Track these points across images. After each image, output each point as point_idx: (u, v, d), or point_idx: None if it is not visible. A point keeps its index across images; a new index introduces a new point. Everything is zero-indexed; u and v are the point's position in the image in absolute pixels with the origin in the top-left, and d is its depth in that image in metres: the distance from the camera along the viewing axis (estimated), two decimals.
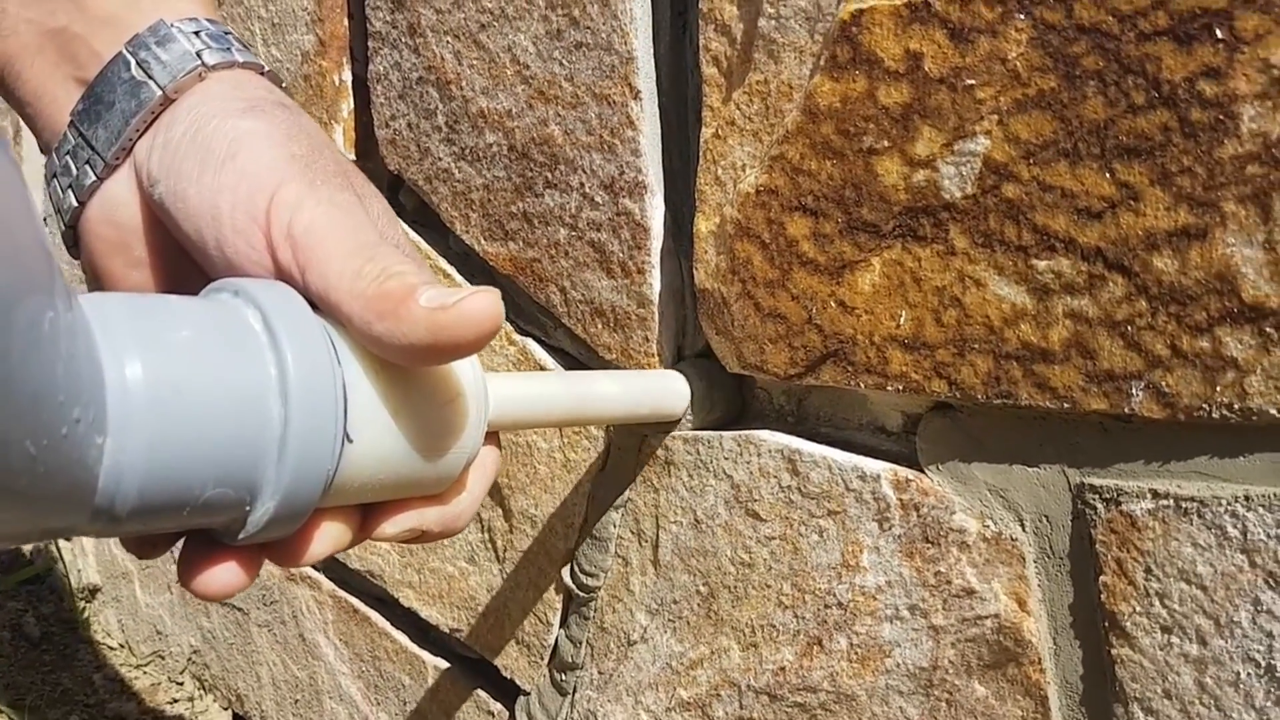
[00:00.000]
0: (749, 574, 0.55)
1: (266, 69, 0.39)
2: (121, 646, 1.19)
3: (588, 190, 0.58)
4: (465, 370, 0.36)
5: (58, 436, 0.23)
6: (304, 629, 0.92)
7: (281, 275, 0.33)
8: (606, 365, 0.61)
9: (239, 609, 1.01)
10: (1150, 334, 0.40)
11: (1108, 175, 0.40)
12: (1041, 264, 0.42)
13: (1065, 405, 0.43)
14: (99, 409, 0.25)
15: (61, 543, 1.27)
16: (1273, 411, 0.38)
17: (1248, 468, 0.40)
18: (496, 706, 0.74)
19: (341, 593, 0.88)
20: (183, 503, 0.28)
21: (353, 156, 0.74)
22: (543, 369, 0.65)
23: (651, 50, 0.55)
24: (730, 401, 0.57)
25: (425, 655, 0.80)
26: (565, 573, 0.65)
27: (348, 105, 0.74)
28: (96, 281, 0.38)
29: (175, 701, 1.05)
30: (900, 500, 0.49)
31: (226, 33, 0.38)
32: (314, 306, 0.32)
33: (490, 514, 0.70)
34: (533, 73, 0.59)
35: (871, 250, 0.47)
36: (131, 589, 1.17)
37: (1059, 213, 0.41)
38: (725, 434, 0.55)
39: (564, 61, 0.57)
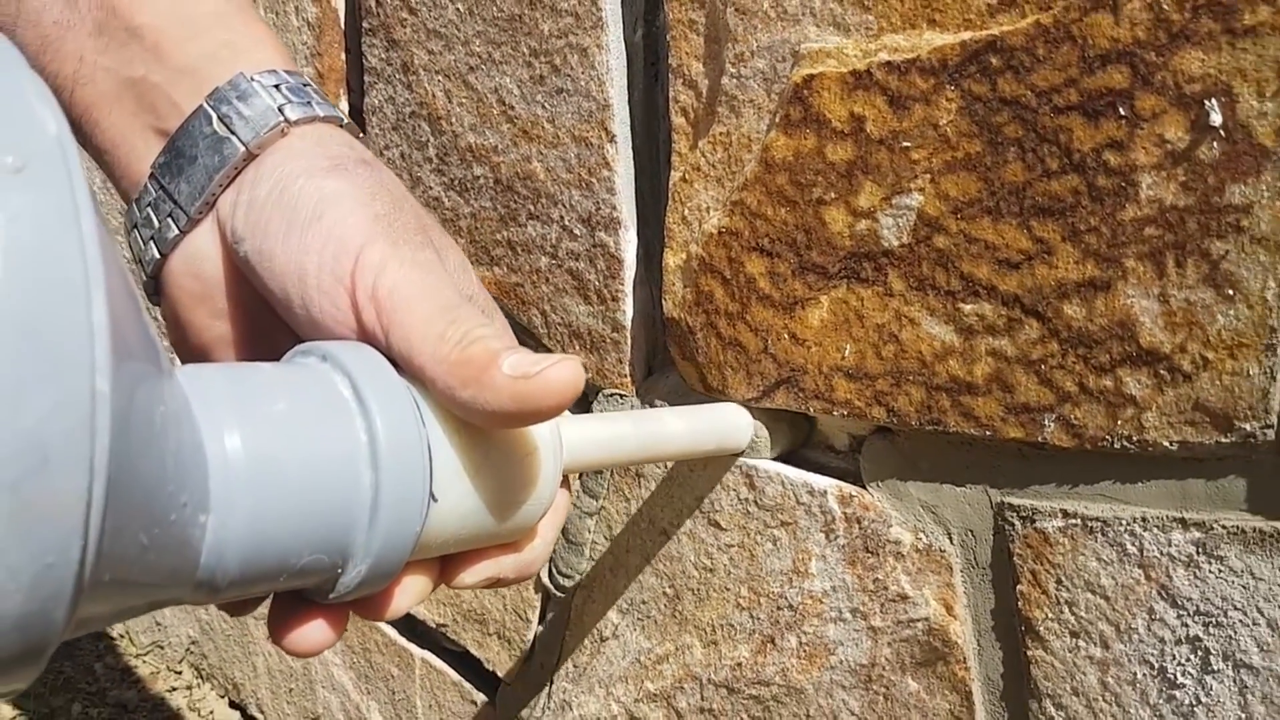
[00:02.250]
0: (710, 578, 0.60)
1: (346, 120, 0.39)
2: (121, 636, 1.24)
3: (567, 223, 0.63)
4: (542, 424, 0.35)
5: (166, 523, 0.24)
6: None
7: (365, 335, 0.33)
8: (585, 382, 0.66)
9: None
10: (1061, 372, 0.45)
11: (1025, 231, 0.45)
12: (967, 307, 0.47)
13: (987, 433, 0.48)
14: (203, 489, 0.26)
15: None
16: (1166, 444, 0.43)
17: (1145, 492, 0.45)
18: (479, 696, 0.79)
19: None
20: (279, 571, 0.29)
21: None
22: None
23: (626, 98, 0.60)
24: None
25: (413, 648, 0.85)
26: (543, 573, 0.70)
27: None
28: (179, 330, 0.38)
29: (174, 690, 1.10)
30: (844, 514, 0.54)
31: (306, 84, 0.38)
32: (397, 366, 0.33)
33: None
34: (517, 113, 0.64)
35: (820, 289, 0.52)
36: None
37: (983, 262, 0.47)
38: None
39: (546, 105, 0.62)
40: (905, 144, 0.47)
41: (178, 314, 0.38)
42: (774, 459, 0.57)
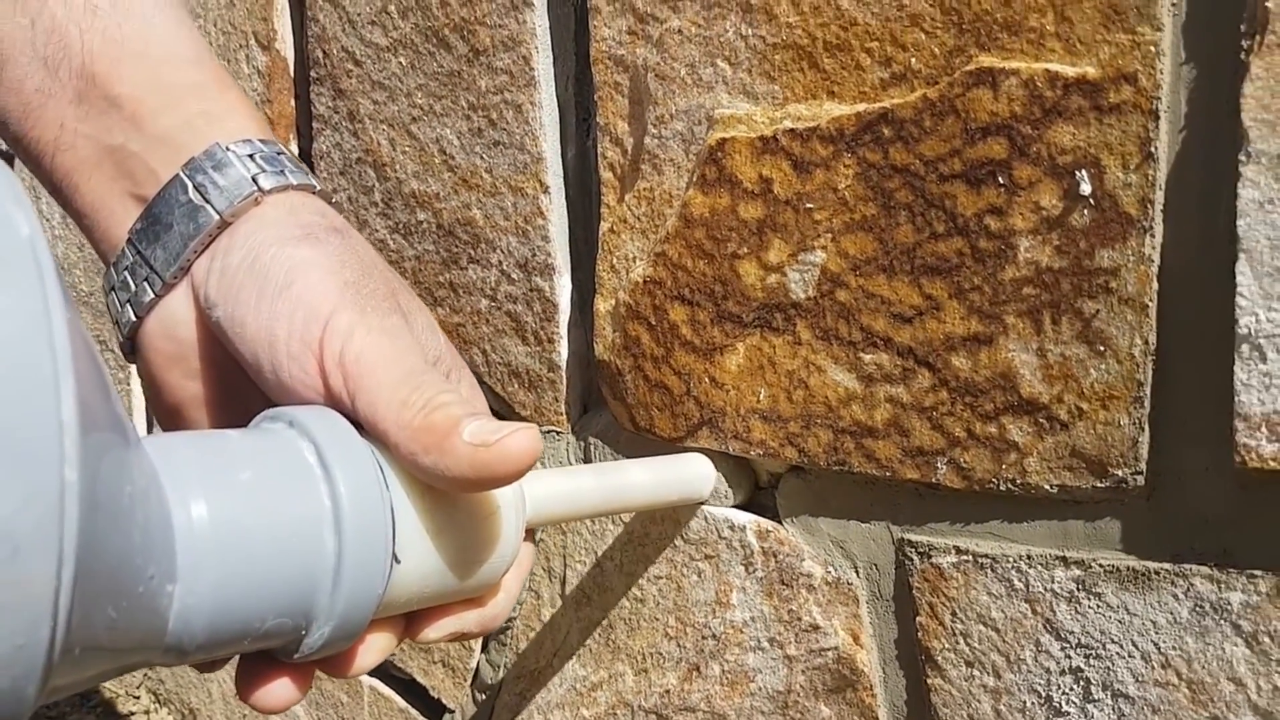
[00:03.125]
0: (641, 608, 0.63)
1: (318, 188, 0.40)
2: None
3: (505, 268, 0.66)
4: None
5: (135, 595, 0.25)
6: None
7: (332, 399, 0.34)
8: (522, 419, 0.69)
9: None
10: (951, 419, 0.49)
11: (917, 288, 0.48)
12: (867, 357, 0.50)
13: (887, 473, 0.51)
14: (170, 559, 0.27)
15: None
16: (1047, 487, 0.47)
17: (1030, 531, 0.49)
18: None
19: None
20: (244, 634, 0.29)
21: None
22: None
23: (559, 151, 0.63)
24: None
25: (362, 676, 0.87)
26: None
27: None
28: (154, 389, 0.40)
29: (132, 715, 1.11)
30: (762, 548, 0.57)
31: (280, 152, 0.39)
32: (361, 429, 0.33)
33: None
34: (458, 163, 0.67)
35: (736, 337, 0.55)
36: None
37: (879, 316, 0.50)
38: None
39: (484, 156, 0.65)
40: (809, 205, 0.51)
41: (153, 374, 0.39)
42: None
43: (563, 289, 0.64)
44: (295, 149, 0.80)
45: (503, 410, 0.71)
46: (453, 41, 0.64)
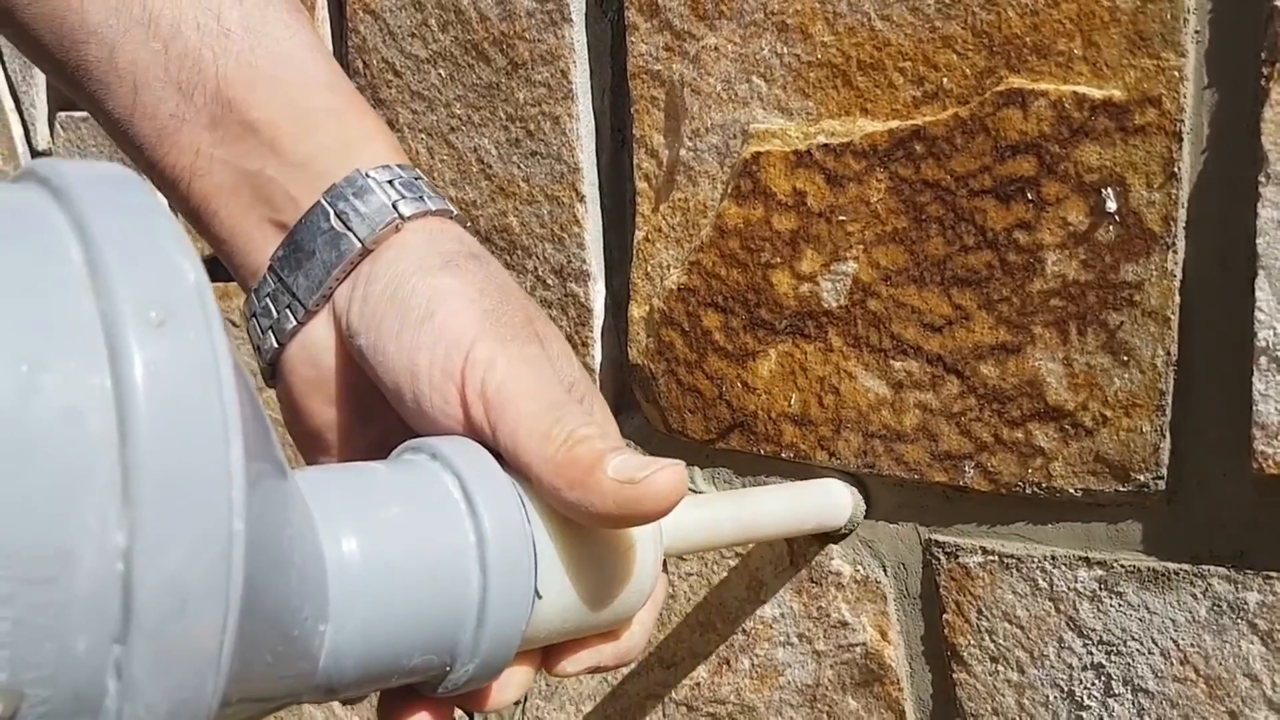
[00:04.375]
0: (671, 604, 0.65)
1: (455, 213, 0.40)
2: None
3: (541, 274, 0.68)
4: None
5: (291, 639, 0.25)
6: None
7: (473, 430, 0.34)
8: None
9: None
10: (978, 424, 0.51)
11: (946, 298, 0.50)
12: (897, 364, 0.52)
13: (916, 476, 0.53)
14: (322, 598, 0.27)
15: None
16: (1071, 491, 0.49)
17: (1054, 533, 0.51)
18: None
19: None
20: (392, 671, 0.29)
21: None
22: None
23: (595, 161, 0.65)
24: None
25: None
26: None
27: None
28: (293, 414, 0.40)
29: None
30: (791, 547, 0.59)
31: (418, 178, 0.39)
32: (502, 461, 0.33)
33: None
34: (494, 172, 0.69)
35: (769, 343, 0.57)
36: None
37: (910, 325, 0.52)
38: None
39: (521, 165, 0.67)
40: (841, 217, 0.53)
41: (294, 400, 0.39)
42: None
43: (597, 295, 0.67)
44: None
45: None
46: (492, 55, 0.66)
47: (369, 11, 0.72)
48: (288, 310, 0.38)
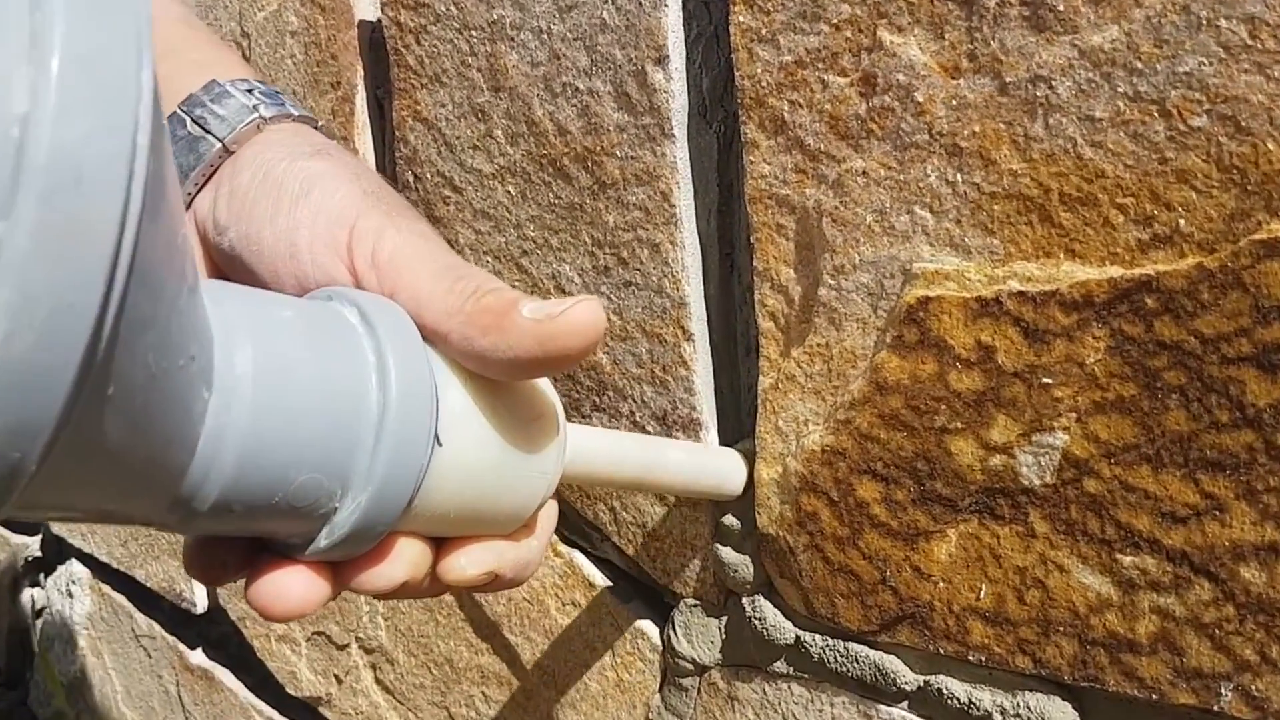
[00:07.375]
0: None
1: (320, 123, 0.38)
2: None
3: (638, 419, 0.58)
4: (548, 391, 0.34)
5: (174, 368, 0.22)
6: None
7: None
8: (657, 587, 0.61)
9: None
10: (1239, 639, 0.41)
11: (1192, 484, 0.41)
12: (1126, 559, 0.43)
13: (1153, 695, 0.43)
14: (208, 361, 0.25)
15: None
16: None
17: None
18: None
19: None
20: (274, 489, 0.27)
21: None
22: (591, 584, 0.65)
23: (702, 293, 0.55)
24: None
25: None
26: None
27: None
28: None
29: None
30: None
31: (279, 92, 0.38)
32: None
33: None
34: None
35: (947, 522, 0.47)
36: None
37: (1142, 513, 0.42)
38: (794, 684, 0.55)
39: (612, 296, 0.57)
40: (1045, 379, 0.43)
41: None
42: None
43: (710, 445, 0.57)
44: None
45: (633, 570, 0.64)
46: (573, 172, 0.56)
47: (420, 120, 0.62)
48: None
